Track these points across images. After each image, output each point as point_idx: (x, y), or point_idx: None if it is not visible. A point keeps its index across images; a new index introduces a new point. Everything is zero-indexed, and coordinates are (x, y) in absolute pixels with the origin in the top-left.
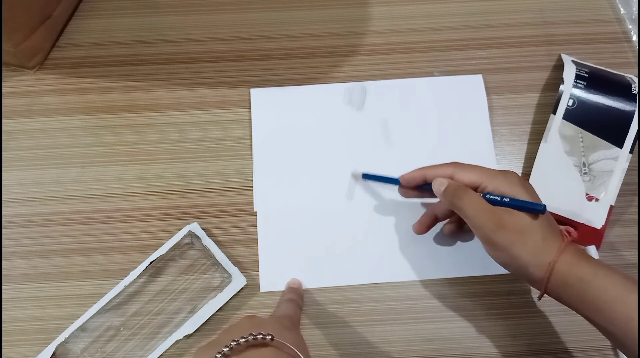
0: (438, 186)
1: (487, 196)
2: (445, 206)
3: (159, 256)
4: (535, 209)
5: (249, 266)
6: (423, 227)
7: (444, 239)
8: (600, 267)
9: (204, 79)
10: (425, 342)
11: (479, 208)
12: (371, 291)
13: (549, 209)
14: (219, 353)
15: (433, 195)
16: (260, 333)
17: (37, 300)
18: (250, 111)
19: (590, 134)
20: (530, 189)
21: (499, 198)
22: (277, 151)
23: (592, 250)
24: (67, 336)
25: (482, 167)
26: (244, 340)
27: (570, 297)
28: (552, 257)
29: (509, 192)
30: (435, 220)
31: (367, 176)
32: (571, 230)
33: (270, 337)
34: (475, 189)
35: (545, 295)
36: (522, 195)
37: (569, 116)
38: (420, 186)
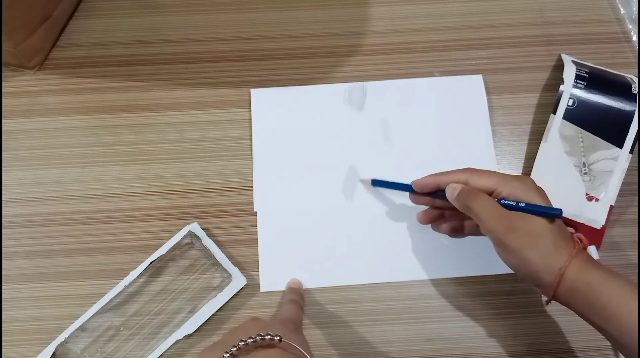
0: (451, 191)
1: (502, 201)
2: (458, 209)
3: (159, 256)
4: (551, 213)
5: (249, 266)
6: (426, 218)
7: (444, 239)
8: (610, 274)
9: (204, 79)
10: (425, 342)
11: (491, 211)
12: (371, 291)
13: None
14: (227, 353)
15: (445, 202)
16: (268, 334)
17: (37, 300)
18: (250, 111)
19: (590, 134)
20: (543, 194)
21: (514, 203)
22: (277, 151)
23: (592, 250)
24: (67, 336)
25: (497, 172)
26: (251, 340)
27: (578, 303)
28: (562, 262)
29: (523, 197)
30: (441, 214)
31: (377, 183)
32: (582, 236)
33: (278, 337)
34: (490, 194)
35: (552, 300)
36: (536, 200)
37: (569, 116)
38: (432, 193)
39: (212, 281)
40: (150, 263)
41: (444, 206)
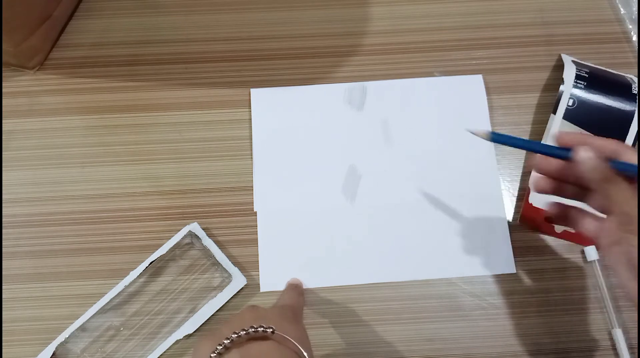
0: (588, 161)
1: None
2: (591, 185)
3: (159, 256)
4: None
5: (249, 266)
6: (545, 188)
7: (444, 239)
8: None
9: (204, 79)
10: (425, 342)
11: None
12: (371, 291)
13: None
14: (220, 345)
15: (575, 196)
16: (261, 326)
17: (37, 300)
18: (250, 111)
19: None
20: None
21: None
22: (277, 151)
23: (592, 250)
24: (67, 336)
25: None
26: (244, 332)
27: None
28: None
29: None
30: (561, 188)
31: (497, 138)
32: None
33: (271, 330)
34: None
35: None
36: None
37: (569, 116)
38: (562, 176)
39: (212, 281)
40: (150, 263)
41: (573, 198)
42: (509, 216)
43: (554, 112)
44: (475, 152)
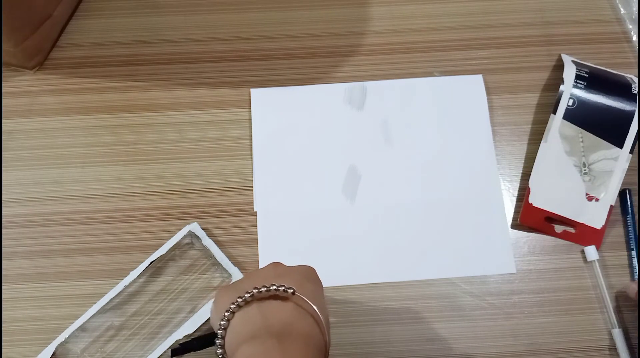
0: None
1: None
2: None
3: (159, 256)
4: None
5: (249, 266)
6: None
7: (444, 239)
8: None
9: (204, 79)
10: (425, 342)
11: None
12: (371, 291)
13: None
14: (240, 298)
15: None
16: (282, 286)
17: (37, 300)
18: (250, 111)
19: (591, 134)
20: None
21: None
22: (277, 151)
23: (592, 250)
24: (67, 336)
25: None
26: (265, 288)
27: None
28: None
29: None
30: None
31: None
32: None
33: (291, 290)
34: None
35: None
36: None
37: (569, 116)
38: None
39: (212, 281)
40: (150, 263)
41: None
42: (509, 216)
43: (554, 112)
44: (475, 152)
